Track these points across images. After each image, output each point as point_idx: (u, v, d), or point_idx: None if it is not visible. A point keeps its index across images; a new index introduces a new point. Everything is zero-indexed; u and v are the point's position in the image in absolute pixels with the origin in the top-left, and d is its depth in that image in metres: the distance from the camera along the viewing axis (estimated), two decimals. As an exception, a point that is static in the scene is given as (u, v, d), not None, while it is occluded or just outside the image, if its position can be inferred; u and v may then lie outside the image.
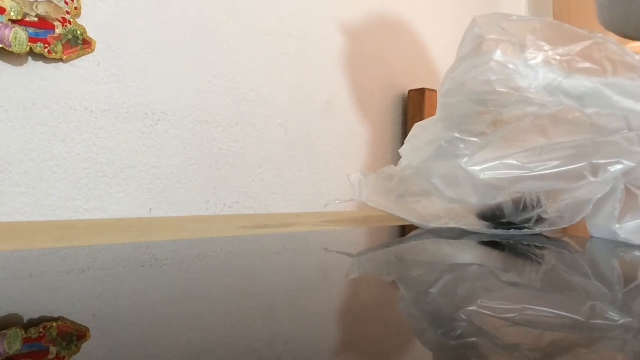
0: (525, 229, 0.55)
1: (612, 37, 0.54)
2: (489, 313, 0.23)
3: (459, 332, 0.20)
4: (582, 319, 0.23)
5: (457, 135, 0.53)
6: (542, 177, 0.51)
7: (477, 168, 0.52)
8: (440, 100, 0.57)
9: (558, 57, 0.52)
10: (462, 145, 0.53)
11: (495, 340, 0.20)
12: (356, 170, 0.65)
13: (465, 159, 0.53)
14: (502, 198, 0.54)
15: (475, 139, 0.53)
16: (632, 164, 0.49)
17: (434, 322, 0.22)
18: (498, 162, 0.52)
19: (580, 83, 0.51)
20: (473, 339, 0.19)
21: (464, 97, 0.53)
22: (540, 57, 0.52)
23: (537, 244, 0.49)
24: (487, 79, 0.51)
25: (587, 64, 0.51)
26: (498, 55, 0.51)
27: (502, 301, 0.26)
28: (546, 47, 0.52)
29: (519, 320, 0.22)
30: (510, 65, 0.51)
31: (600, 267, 0.43)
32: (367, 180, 0.64)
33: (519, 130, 0.53)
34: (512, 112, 0.52)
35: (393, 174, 0.63)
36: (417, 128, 0.60)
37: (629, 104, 0.50)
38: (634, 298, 0.28)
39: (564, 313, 0.24)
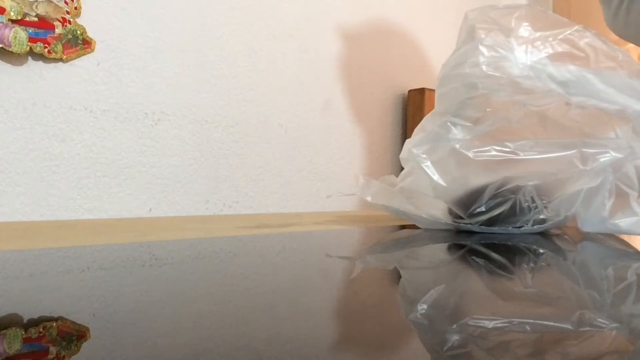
0: (524, 228, 0.55)
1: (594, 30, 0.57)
2: (487, 313, 0.23)
3: (456, 331, 0.20)
4: (577, 320, 0.23)
5: (451, 119, 0.55)
6: (532, 161, 0.52)
7: (469, 151, 0.53)
8: (436, 92, 0.59)
9: (543, 41, 0.54)
10: (455, 130, 0.54)
11: (492, 342, 0.20)
12: (362, 174, 0.66)
13: (459, 144, 0.54)
14: (489, 179, 0.54)
15: (469, 124, 0.54)
16: (620, 156, 0.50)
17: (433, 322, 0.22)
18: (490, 146, 0.53)
19: (565, 68, 0.53)
20: (470, 340, 0.19)
21: (457, 83, 0.55)
22: (526, 40, 0.54)
23: (535, 244, 0.49)
24: (477, 62, 0.53)
25: (570, 49, 0.54)
26: (486, 40, 0.53)
27: (500, 302, 0.26)
28: (531, 32, 0.55)
29: (517, 322, 0.22)
30: (498, 49, 0.53)
31: (600, 266, 0.43)
32: (371, 183, 0.64)
33: (511, 126, 0.54)
34: (501, 96, 0.53)
35: (394, 182, 0.64)
36: (418, 127, 0.61)
37: (612, 93, 0.52)
38: (628, 298, 0.28)
39: (561, 315, 0.24)
